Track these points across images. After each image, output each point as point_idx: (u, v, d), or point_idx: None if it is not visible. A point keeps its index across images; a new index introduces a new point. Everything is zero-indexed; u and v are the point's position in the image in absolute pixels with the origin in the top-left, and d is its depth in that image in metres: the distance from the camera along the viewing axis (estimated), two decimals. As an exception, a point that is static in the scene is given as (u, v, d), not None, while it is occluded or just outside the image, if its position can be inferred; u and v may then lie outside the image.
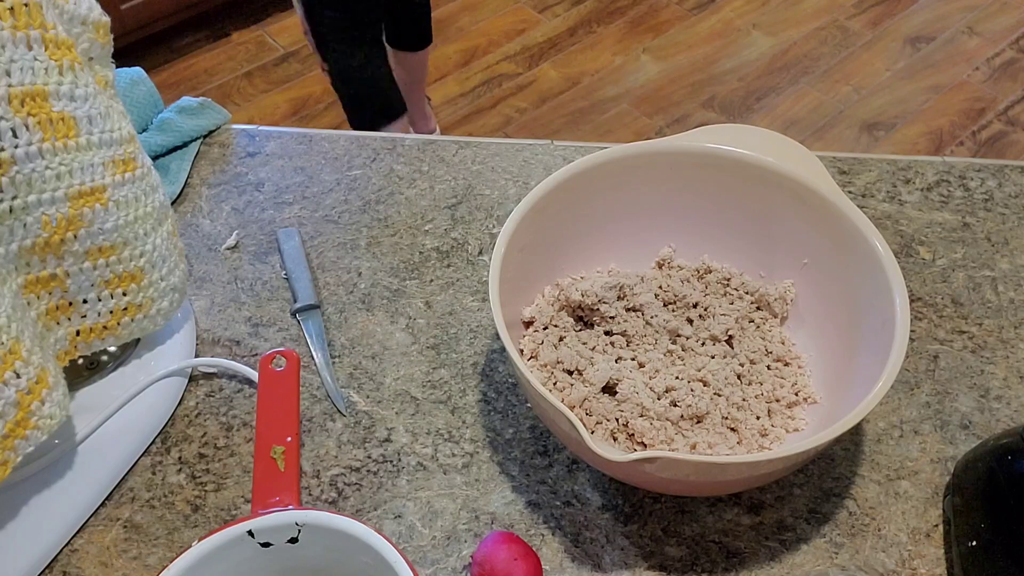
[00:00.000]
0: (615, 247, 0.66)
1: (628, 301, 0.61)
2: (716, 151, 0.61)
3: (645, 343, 0.60)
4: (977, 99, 2.13)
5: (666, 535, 0.55)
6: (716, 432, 0.55)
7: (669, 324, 0.60)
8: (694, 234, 0.66)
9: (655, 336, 0.60)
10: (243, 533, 0.45)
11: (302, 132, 0.82)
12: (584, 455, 0.52)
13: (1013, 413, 0.60)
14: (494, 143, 0.80)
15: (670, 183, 0.63)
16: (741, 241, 0.65)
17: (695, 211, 0.65)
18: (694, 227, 0.65)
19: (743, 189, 0.62)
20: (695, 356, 0.60)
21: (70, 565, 0.54)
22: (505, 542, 0.51)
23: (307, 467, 0.59)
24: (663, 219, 0.65)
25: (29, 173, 0.48)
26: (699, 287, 0.64)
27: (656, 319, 0.60)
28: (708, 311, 0.62)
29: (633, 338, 0.60)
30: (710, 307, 0.62)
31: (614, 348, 0.60)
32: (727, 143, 0.61)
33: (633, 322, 0.60)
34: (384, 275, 0.70)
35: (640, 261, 0.66)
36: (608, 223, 0.64)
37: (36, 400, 0.49)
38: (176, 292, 0.61)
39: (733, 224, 0.64)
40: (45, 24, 0.48)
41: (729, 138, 0.62)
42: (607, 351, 0.60)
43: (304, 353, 0.65)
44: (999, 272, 0.69)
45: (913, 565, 0.53)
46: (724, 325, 0.61)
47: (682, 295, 0.62)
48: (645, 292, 0.61)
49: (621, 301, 0.61)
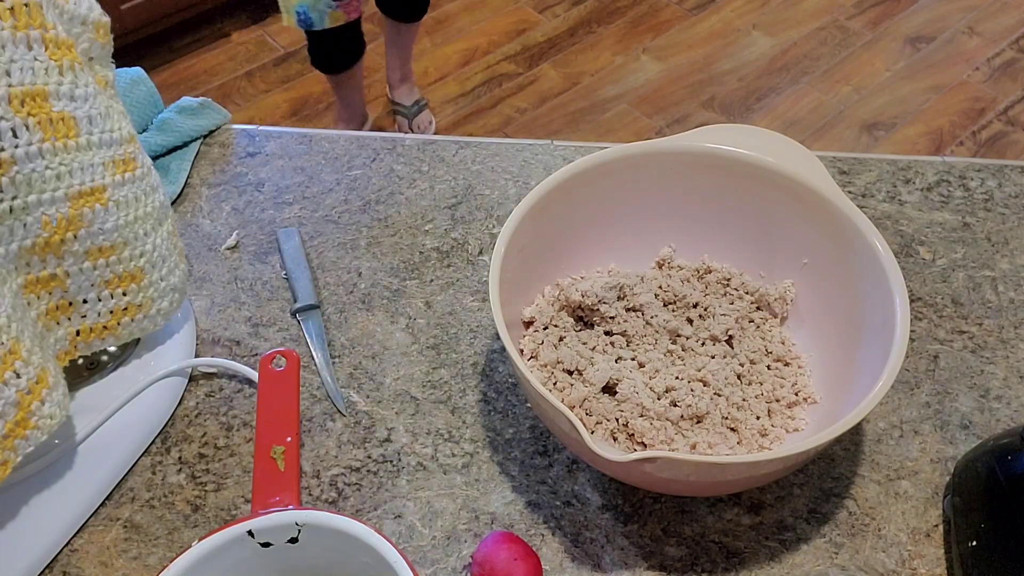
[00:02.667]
0: (615, 247, 0.66)
1: (628, 301, 0.61)
2: (716, 151, 0.61)
3: (645, 343, 0.60)
4: (977, 99, 2.13)
5: (666, 535, 0.55)
6: (716, 432, 0.55)
7: (669, 324, 0.60)
8: (694, 234, 0.66)
9: (655, 336, 0.60)
10: (243, 533, 0.45)
11: (302, 132, 0.82)
12: (584, 455, 0.52)
13: (1013, 413, 0.60)
14: (494, 143, 0.80)
15: (670, 183, 0.63)
16: (741, 241, 0.64)
17: (695, 211, 0.65)
18: (694, 227, 0.65)
19: (743, 189, 0.62)
20: (695, 356, 0.60)
21: (70, 565, 0.54)
22: (505, 542, 0.51)
23: (307, 467, 0.59)
24: (663, 219, 0.65)
25: (29, 173, 0.48)
26: (699, 287, 0.64)
27: (656, 319, 0.60)
28: (708, 311, 0.62)
29: (633, 338, 0.60)
30: (710, 307, 0.62)
31: (614, 348, 0.60)
32: (727, 143, 0.61)
33: (633, 322, 0.60)
34: (384, 275, 0.70)
35: (640, 261, 0.66)
36: (608, 223, 0.64)
37: (36, 400, 0.49)
38: (176, 292, 0.61)
39: (733, 224, 0.64)
40: (45, 24, 0.48)
41: (729, 138, 0.62)
42: (607, 351, 0.60)
43: (304, 353, 0.65)
44: (999, 272, 0.69)
45: (913, 565, 0.53)
46: (724, 325, 0.61)
47: (682, 295, 0.62)
48: (645, 292, 0.61)
49: (621, 301, 0.61)
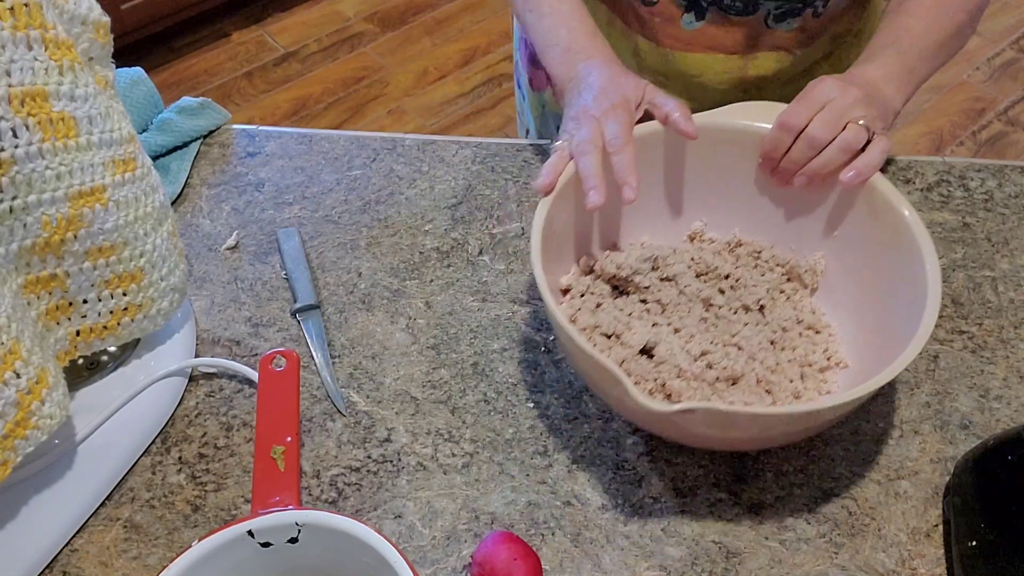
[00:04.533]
0: (647, 221, 0.67)
1: (662, 271, 0.62)
2: (747, 127, 0.63)
3: (679, 311, 0.61)
4: (977, 99, 2.13)
5: (666, 535, 0.55)
6: (752, 393, 0.56)
7: (702, 293, 0.62)
8: (725, 208, 0.67)
9: (688, 305, 0.61)
10: (243, 533, 0.45)
11: (302, 132, 0.82)
12: (626, 410, 0.54)
13: (1013, 413, 0.60)
14: (494, 143, 0.80)
15: (701, 159, 0.65)
16: (771, 215, 0.66)
17: (726, 186, 0.66)
18: (725, 202, 0.67)
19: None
20: (728, 323, 0.61)
21: (70, 565, 0.54)
22: (505, 542, 0.51)
23: (307, 467, 0.59)
24: (694, 194, 0.67)
25: (29, 173, 0.48)
26: (730, 259, 0.65)
27: (689, 288, 0.62)
28: (739, 282, 0.63)
29: (667, 306, 0.61)
30: (741, 278, 0.64)
31: (650, 315, 0.61)
32: (758, 119, 0.62)
33: (667, 291, 0.62)
34: (384, 275, 0.70)
35: (672, 235, 0.67)
36: (640, 198, 0.65)
37: (36, 400, 0.49)
38: (176, 292, 0.61)
39: (763, 198, 0.65)
40: (45, 24, 0.48)
41: (758, 114, 0.63)
42: (643, 317, 0.61)
43: (304, 353, 0.65)
44: (999, 272, 0.69)
45: (913, 565, 0.53)
46: (755, 295, 0.62)
47: (714, 266, 0.64)
48: (678, 263, 0.63)
49: (655, 272, 0.63)
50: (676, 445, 0.58)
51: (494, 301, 0.68)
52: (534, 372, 0.63)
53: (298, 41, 2.31)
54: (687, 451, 0.58)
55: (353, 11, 2.39)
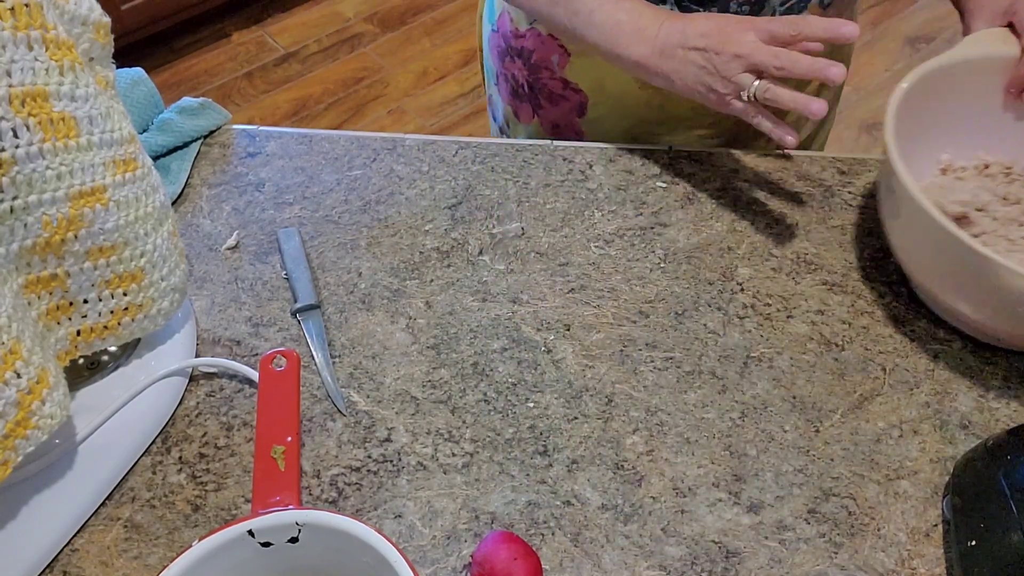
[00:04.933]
0: (986, 138, 0.70)
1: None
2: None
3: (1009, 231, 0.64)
4: None
5: (666, 535, 0.55)
6: None
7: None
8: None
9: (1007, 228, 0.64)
10: (243, 533, 0.45)
11: (302, 132, 0.82)
12: (997, 296, 0.55)
13: (1013, 413, 0.60)
14: (494, 143, 0.80)
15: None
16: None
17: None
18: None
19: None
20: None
21: (70, 565, 0.54)
22: (505, 542, 0.51)
23: (307, 467, 0.59)
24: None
25: (30, 173, 0.48)
26: (1002, 180, 0.68)
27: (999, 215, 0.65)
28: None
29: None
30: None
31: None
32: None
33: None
34: (384, 275, 0.70)
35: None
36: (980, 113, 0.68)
37: (36, 400, 0.49)
38: (176, 292, 0.61)
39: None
40: (46, 24, 0.48)
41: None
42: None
43: (304, 353, 0.65)
44: None
45: (913, 565, 0.53)
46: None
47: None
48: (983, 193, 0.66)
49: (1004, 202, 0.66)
50: (676, 445, 0.59)
51: (494, 301, 0.68)
52: (534, 372, 0.63)
53: (298, 41, 2.31)
54: (687, 451, 0.58)
55: (353, 11, 2.40)
